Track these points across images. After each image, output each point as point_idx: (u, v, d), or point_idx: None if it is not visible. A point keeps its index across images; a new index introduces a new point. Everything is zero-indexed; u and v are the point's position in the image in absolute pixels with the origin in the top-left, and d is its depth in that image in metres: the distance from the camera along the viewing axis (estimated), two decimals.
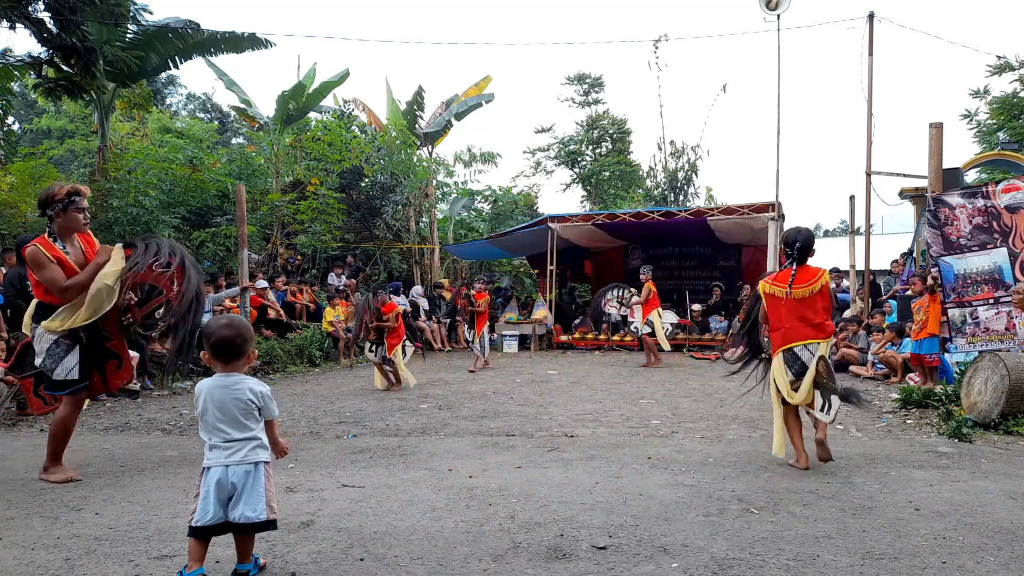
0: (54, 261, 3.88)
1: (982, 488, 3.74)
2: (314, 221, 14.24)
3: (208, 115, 30.26)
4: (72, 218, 4.01)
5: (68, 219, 4.00)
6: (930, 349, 7.85)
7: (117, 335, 4.16)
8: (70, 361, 3.93)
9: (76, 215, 4.01)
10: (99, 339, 4.07)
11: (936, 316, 7.72)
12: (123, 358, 4.21)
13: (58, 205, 3.96)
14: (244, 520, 2.49)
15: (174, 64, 13.89)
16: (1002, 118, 15.48)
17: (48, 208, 3.98)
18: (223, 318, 2.70)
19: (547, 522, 3.18)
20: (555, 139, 26.84)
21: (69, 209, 3.98)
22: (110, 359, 4.13)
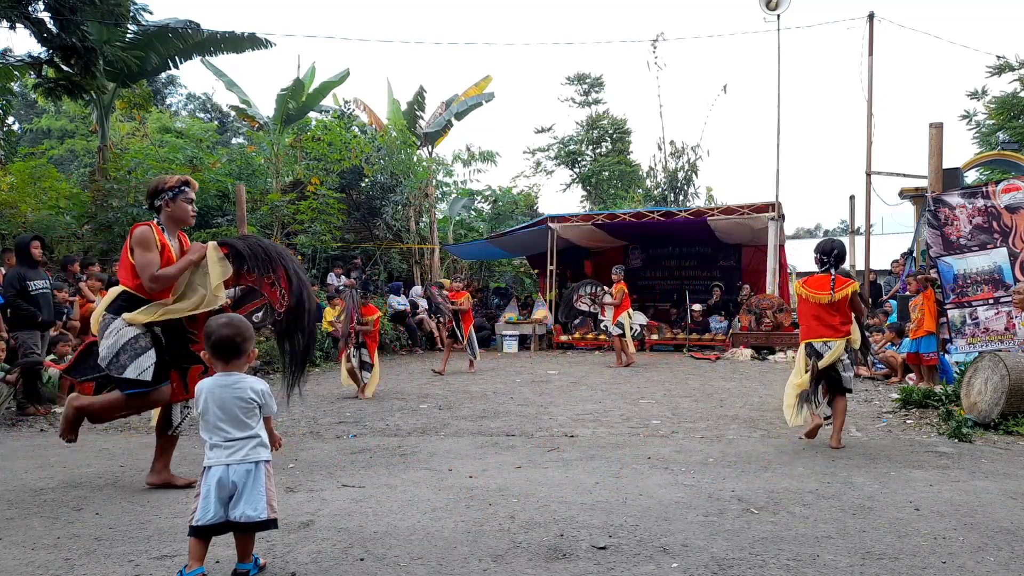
0: (158, 247, 3.66)
1: (982, 488, 3.74)
2: (314, 221, 14.24)
3: (208, 115, 30.27)
4: (181, 208, 3.82)
5: (177, 209, 3.81)
6: (927, 348, 7.85)
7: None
8: (145, 361, 3.59)
9: (185, 206, 3.83)
10: (183, 342, 3.76)
11: (931, 314, 7.72)
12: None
13: (168, 194, 3.77)
14: (245, 519, 2.49)
15: (174, 64, 13.91)
16: (1001, 118, 15.48)
17: (157, 197, 3.78)
18: (223, 317, 2.70)
19: (547, 522, 3.18)
20: (555, 139, 26.86)
21: (179, 199, 3.79)
22: (195, 363, 3.76)
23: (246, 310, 3.91)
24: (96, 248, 12.07)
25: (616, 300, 10.91)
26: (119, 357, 3.57)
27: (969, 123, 16.97)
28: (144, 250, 3.62)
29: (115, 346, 3.57)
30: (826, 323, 4.78)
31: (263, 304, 3.96)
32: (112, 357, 3.57)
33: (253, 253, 3.85)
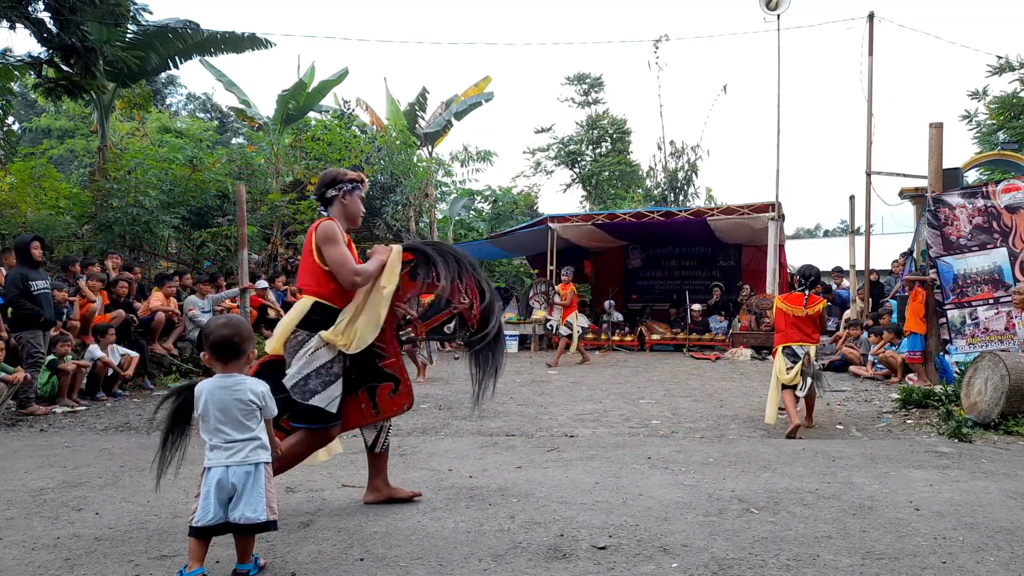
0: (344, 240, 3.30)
1: (982, 488, 3.74)
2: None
3: (208, 115, 30.28)
4: (356, 204, 3.51)
5: (352, 204, 3.49)
6: (910, 347, 7.87)
7: (394, 353, 3.48)
8: (335, 391, 3.20)
9: (359, 203, 3.54)
10: (372, 357, 3.36)
11: (913, 313, 7.72)
12: (401, 379, 3.47)
13: (347, 185, 3.47)
14: (244, 521, 2.49)
15: (174, 64, 13.90)
16: (1001, 118, 15.46)
17: (333, 187, 3.46)
18: (221, 318, 2.71)
19: (547, 522, 3.18)
20: (555, 139, 26.86)
21: (354, 193, 3.50)
22: (384, 381, 3.42)
23: (435, 322, 3.65)
24: (96, 248, 12.06)
25: (565, 301, 11.05)
26: (308, 381, 3.15)
27: (969, 123, 16.95)
28: (335, 244, 3.23)
29: (305, 368, 3.15)
30: (801, 331, 5.76)
31: (453, 315, 3.64)
32: (301, 380, 3.14)
33: (444, 260, 3.53)
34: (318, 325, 3.20)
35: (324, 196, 3.47)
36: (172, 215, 13.14)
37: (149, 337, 8.81)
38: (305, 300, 3.26)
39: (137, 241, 12.96)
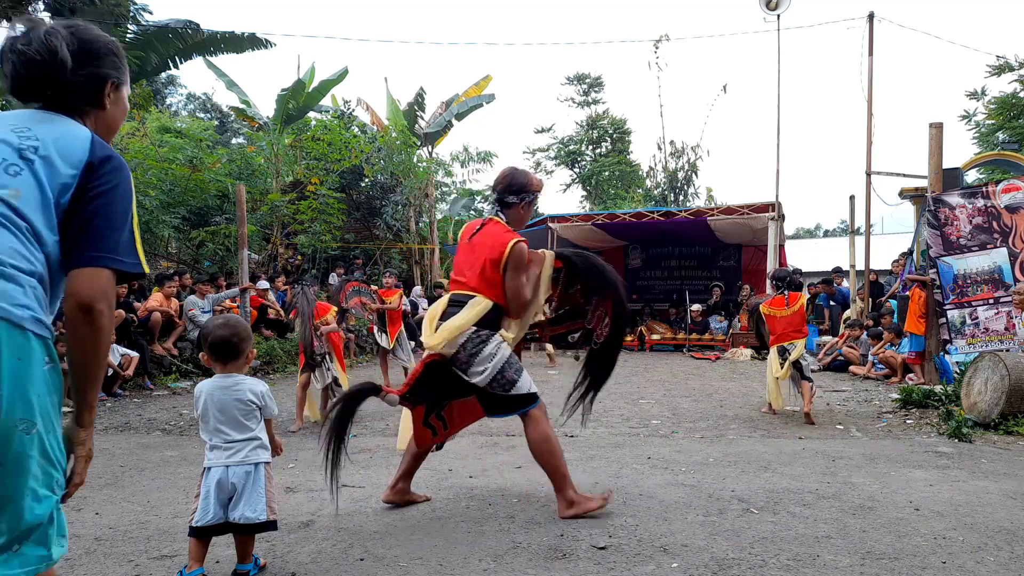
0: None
1: (982, 488, 3.74)
2: (314, 221, 14.25)
3: (208, 115, 30.26)
4: (528, 215, 3.51)
5: (528, 214, 3.48)
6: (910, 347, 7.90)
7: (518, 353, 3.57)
8: (527, 374, 3.33)
9: (530, 213, 3.53)
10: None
11: (912, 314, 7.73)
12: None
13: (531, 196, 3.44)
14: (244, 520, 2.49)
15: (174, 64, 13.89)
16: (1001, 119, 15.47)
17: (520, 193, 3.40)
18: (219, 318, 2.71)
19: (547, 522, 3.18)
20: (555, 139, 26.90)
21: (532, 205, 3.49)
22: None
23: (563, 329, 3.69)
24: None
25: None
26: (504, 373, 3.22)
27: (969, 123, 16.96)
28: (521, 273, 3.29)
29: (499, 364, 3.21)
30: (792, 328, 6.26)
31: (581, 327, 3.67)
32: (498, 374, 3.21)
33: (589, 273, 3.57)
34: (495, 324, 3.27)
35: (505, 199, 3.41)
36: (172, 215, 13.14)
37: (149, 337, 8.81)
38: (482, 301, 3.23)
39: None
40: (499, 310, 3.28)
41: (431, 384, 3.32)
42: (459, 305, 3.26)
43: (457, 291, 3.33)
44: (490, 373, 3.20)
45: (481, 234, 3.33)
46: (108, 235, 1.47)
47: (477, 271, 3.27)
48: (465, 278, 3.32)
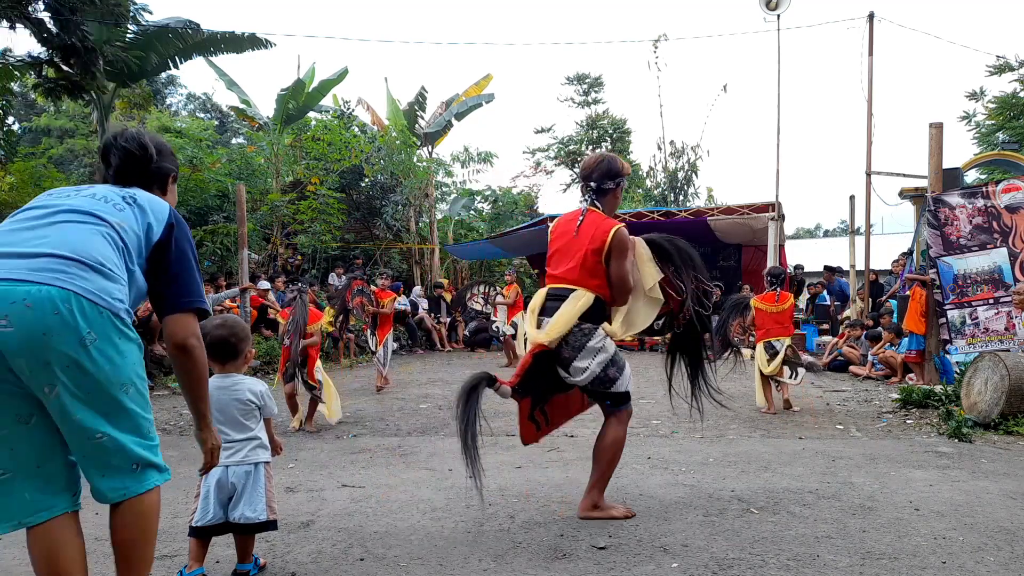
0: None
1: (982, 488, 3.74)
2: (314, 221, 14.25)
3: (208, 115, 30.26)
4: (619, 199, 3.46)
5: (619, 197, 3.44)
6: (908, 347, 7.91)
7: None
8: (628, 371, 3.29)
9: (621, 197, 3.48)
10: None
11: (912, 313, 7.74)
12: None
13: (623, 180, 3.39)
14: (244, 520, 2.49)
15: (174, 64, 13.89)
16: (1001, 119, 15.46)
17: (615, 178, 3.34)
18: (217, 318, 2.71)
19: (547, 522, 3.18)
20: (555, 139, 26.85)
21: (621, 187, 3.41)
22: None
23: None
24: None
25: (509, 300, 10.91)
26: (607, 371, 3.19)
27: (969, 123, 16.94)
28: (625, 258, 3.25)
29: (604, 360, 3.19)
30: (780, 325, 6.54)
31: (667, 312, 3.55)
32: (601, 371, 3.18)
33: (680, 256, 3.47)
34: (599, 318, 3.24)
35: (601, 186, 3.34)
36: None
37: (149, 337, 8.81)
38: (585, 294, 3.20)
39: None
40: (601, 303, 3.25)
41: (538, 376, 3.30)
42: (559, 299, 3.23)
43: (555, 285, 3.30)
44: (592, 371, 3.17)
45: (584, 225, 3.27)
46: (192, 283, 2.00)
47: (578, 262, 3.23)
48: (563, 271, 3.28)
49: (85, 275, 1.79)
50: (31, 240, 1.82)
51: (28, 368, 1.72)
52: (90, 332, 1.76)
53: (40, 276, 1.74)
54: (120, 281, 1.86)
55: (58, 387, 1.74)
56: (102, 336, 1.78)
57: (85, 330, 1.75)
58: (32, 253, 1.79)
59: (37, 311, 1.70)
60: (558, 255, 3.34)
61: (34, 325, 1.70)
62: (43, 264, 1.77)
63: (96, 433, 1.80)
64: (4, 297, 1.70)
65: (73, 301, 1.74)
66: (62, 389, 1.74)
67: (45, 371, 1.73)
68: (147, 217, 1.97)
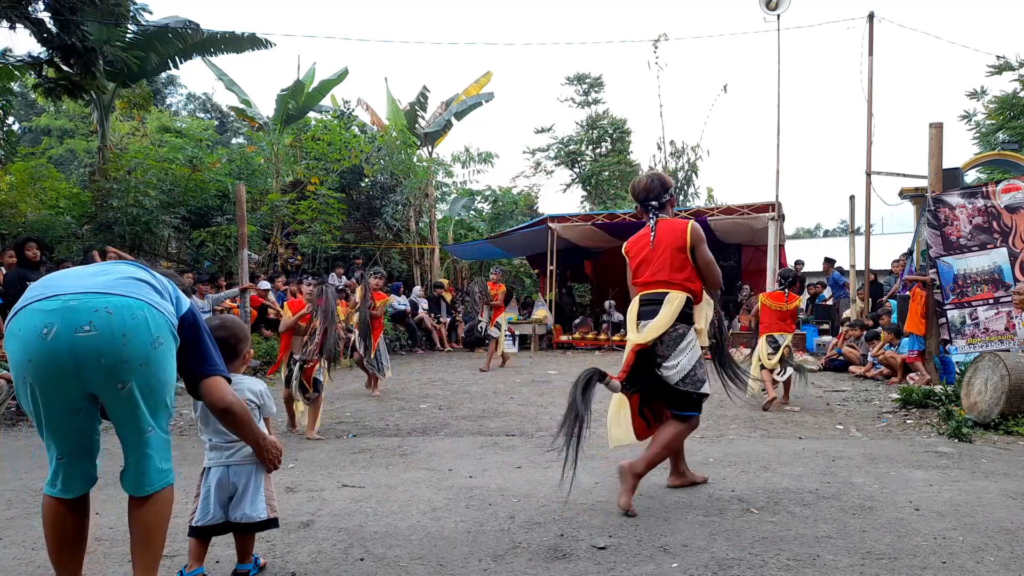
0: None
1: (982, 488, 3.74)
2: (314, 221, 14.25)
3: (208, 115, 30.26)
4: (674, 204, 3.79)
5: (674, 205, 3.78)
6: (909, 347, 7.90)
7: None
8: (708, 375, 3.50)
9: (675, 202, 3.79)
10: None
11: (913, 314, 7.74)
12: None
13: (671, 189, 3.70)
14: (245, 520, 2.49)
15: (174, 64, 13.90)
16: (1001, 118, 15.46)
17: (665, 193, 3.64)
18: (216, 319, 2.71)
19: (547, 522, 3.19)
20: (555, 139, 26.83)
21: (673, 196, 3.73)
22: None
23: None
24: (96, 248, 12.07)
25: (497, 300, 10.76)
26: (696, 371, 3.39)
27: (969, 123, 16.94)
28: (705, 245, 3.50)
29: (692, 360, 3.40)
30: (782, 322, 6.86)
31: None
32: (691, 371, 3.38)
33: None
34: (688, 318, 3.47)
35: (660, 202, 3.64)
36: (172, 215, 13.15)
37: None
38: (678, 295, 3.43)
39: (137, 241, 12.97)
40: (690, 303, 3.49)
41: (640, 373, 3.49)
42: (655, 303, 3.48)
43: (646, 292, 3.55)
44: (683, 369, 3.38)
45: (658, 235, 3.56)
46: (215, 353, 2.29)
47: (666, 264, 3.49)
48: (652, 276, 3.53)
49: (150, 292, 2.13)
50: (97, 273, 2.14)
51: (107, 366, 1.98)
52: (159, 336, 2.06)
53: (118, 289, 2.06)
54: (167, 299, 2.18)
55: (131, 383, 2.03)
56: (166, 342, 2.09)
57: (156, 334, 2.05)
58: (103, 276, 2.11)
59: (117, 316, 1.99)
60: (642, 266, 3.61)
61: (116, 328, 1.98)
62: (117, 281, 2.09)
63: (148, 427, 2.13)
64: (88, 306, 1.98)
65: (146, 309, 2.05)
66: (134, 385, 2.04)
67: (123, 368, 2.00)
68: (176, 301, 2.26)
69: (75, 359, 1.96)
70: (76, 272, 2.16)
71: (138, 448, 2.16)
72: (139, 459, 2.17)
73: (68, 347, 1.95)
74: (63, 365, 1.96)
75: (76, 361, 1.96)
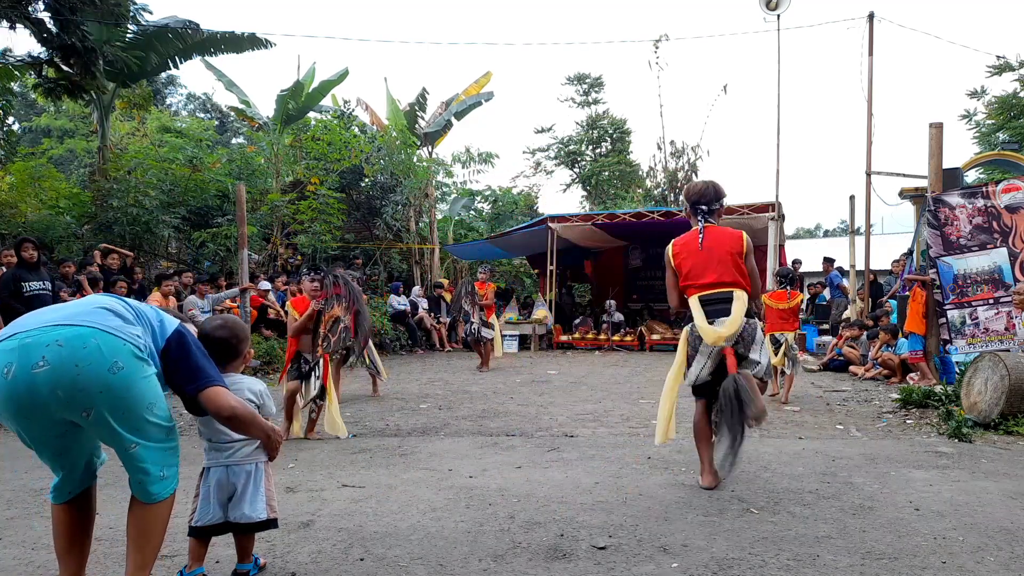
0: None
1: (982, 488, 3.74)
2: (314, 221, 14.25)
3: (208, 115, 30.25)
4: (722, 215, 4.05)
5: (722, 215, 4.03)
6: (911, 347, 7.88)
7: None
8: None
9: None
10: None
11: (914, 314, 7.73)
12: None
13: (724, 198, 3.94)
14: (244, 520, 2.49)
15: (174, 64, 13.90)
16: (1001, 118, 15.47)
17: (718, 201, 3.90)
18: (217, 319, 2.70)
19: (547, 522, 3.18)
20: (555, 139, 26.84)
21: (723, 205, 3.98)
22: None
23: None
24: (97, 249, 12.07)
25: (487, 300, 10.66)
26: (768, 366, 3.86)
27: (969, 123, 16.94)
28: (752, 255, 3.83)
29: (766, 355, 3.83)
30: (785, 320, 7.15)
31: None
32: (767, 366, 3.83)
33: None
34: (752, 314, 3.83)
35: (711, 208, 3.89)
36: (172, 215, 13.14)
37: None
38: (742, 293, 3.73)
39: (137, 241, 12.97)
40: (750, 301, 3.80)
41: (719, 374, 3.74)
42: (721, 302, 3.71)
43: (709, 292, 3.76)
44: (764, 366, 3.77)
45: (708, 239, 3.79)
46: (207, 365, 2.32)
47: (728, 267, 3.75)
48: (717, 278, 3.75)
49: (109, 318, 2.14)
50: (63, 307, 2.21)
51: (67, 397, 2.02)
52: (115, 361, 2.06)
53: (72, 320, 2.09)
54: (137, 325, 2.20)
55: (94, 410, 2.05)
56: (127, 365, 2.09)
57: (111, 359, 2.05)
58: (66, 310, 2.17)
59: (68, 348, 2.02)
60: (697, 268, 3.80)
61: (67, 359, 2.01)
62: (75, 313, 2.13)
63: (131, 444, 2.15)
64: (40, 342, 2.02)
65: (99, 336, 2.06)
66: (97, 411, 2.06)
67: (81, 397, 2.03)
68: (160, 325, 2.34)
69: (33, 395, 2.01)
70: (45, 309, 2.21)
71: (130, 463, 2.20)
72: (135, 472, 2.22)
73: (26, 385, 2.00)
74: (26, 402, 2.02)
75: (36, 397, 2.01)
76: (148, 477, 2.21)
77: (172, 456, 2.28)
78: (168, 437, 2.26)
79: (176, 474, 2.30)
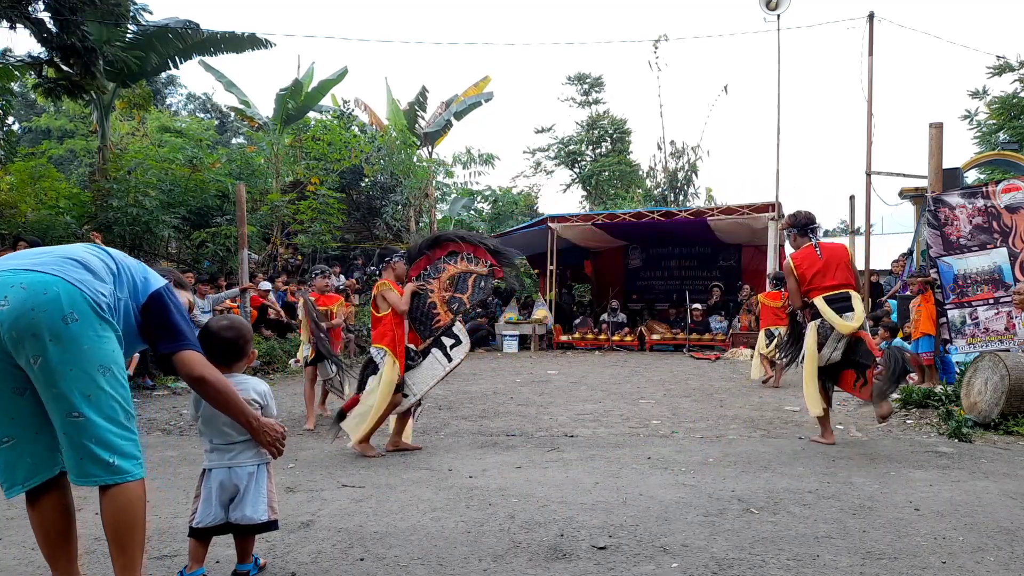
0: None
1: (982, 488, 3.74)
2: (314, 221, 14.26)
3: (208, 115, 30.25)
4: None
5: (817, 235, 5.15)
6: (926, 348, 7.87)
7: None
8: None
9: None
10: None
11: (928, 315, 7.72)
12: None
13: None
14: (245, 521, 2.49)
15: (174, 64, 13.90)
16: (1002, 118, 15.45)
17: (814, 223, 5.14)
18: (223, 319, 2.69)
19: (547, 522, 3.18)
20: (555, 139, 26.82)
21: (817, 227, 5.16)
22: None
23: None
24: None
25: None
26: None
27: (969, 123, 16.93)
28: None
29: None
30: (778, 317, 8.02)
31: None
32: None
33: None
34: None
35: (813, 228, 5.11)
36: (172, 215, 13.14)
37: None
38: (856, 294, 4.89)
39: (137, 241, 12.96)
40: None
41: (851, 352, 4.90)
42: (844, 300, 4.82)
43: (832, 293, 4.86)
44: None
45: (825, 252, 4.98)
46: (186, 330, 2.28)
47: (846, 273, 4.94)
48: (840, 281, 4.88)
49: (78, 270, 2.13)
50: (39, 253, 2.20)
51: (18, 338, 2.00)
52: (72, 312, 2.04)
53: (41, 267, 2.09)
54: (106, 281, 2.16)
55: (42, 358, 2.01)
56: (83, 318, 2.05)
57: (68, 309, 2.03)
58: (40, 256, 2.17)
59: (29, 291, 2.03)
60: (821, 273, 4.91)
61: (25, 302, 2.01)
62: (46, 260, 2.13)
63: (74, 411, 2.05)
64: (7, 282, 2.03)
65: (61, 285, 2.05)
66: (44, 360, 2.01)
67: (32, 342, 2.01)
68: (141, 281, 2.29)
69: None
70: (19, 253, 2.22)
71: (67, 432, 2.06)
72: (71, 445, 2.07)
73: None
74: None
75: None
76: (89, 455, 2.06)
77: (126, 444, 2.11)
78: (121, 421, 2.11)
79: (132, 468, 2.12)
